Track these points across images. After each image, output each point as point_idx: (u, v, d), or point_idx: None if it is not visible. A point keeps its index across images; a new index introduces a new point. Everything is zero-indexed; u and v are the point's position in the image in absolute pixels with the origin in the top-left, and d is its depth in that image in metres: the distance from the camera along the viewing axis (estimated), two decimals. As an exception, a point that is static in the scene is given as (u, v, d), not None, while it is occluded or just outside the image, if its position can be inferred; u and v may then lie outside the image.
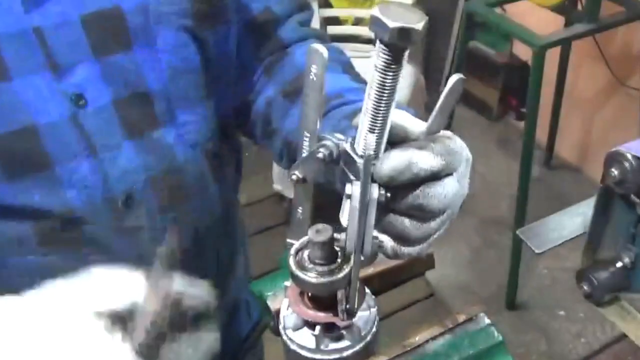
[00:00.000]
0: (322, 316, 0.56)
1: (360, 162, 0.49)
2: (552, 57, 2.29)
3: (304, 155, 0.55)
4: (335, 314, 0.56)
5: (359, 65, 2.49)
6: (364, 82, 0.78)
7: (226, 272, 0.88)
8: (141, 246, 0.70)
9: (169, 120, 0.71)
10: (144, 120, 0.69)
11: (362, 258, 0.52)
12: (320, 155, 0.52)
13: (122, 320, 0.50)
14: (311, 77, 0.53)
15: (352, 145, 0.51)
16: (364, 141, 0.50)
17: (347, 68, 0.82)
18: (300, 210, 0.59)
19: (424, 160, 0.49)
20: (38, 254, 0.66)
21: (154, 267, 0.52)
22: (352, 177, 0.51)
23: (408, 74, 2.41)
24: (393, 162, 0.48)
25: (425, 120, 0.52)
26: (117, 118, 0.67)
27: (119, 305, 0.51)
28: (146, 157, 0.69)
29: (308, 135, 0.55)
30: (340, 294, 0.54)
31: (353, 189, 0.49)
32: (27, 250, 0.66)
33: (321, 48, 0.50)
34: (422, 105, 2.53)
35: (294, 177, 0.53)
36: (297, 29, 0.83)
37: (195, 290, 0.55)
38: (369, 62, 0.50)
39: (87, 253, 0.67)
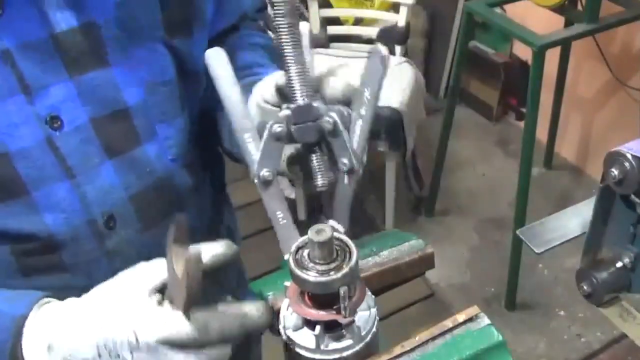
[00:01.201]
0: (323, 315, 0.56)
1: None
2: (552, 57, 2.29)
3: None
4: (336, 312, 0.56)
5: (359, 65, 2.45)
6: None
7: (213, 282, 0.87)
8: (125, 267, 0.69)
9: (150, 135, 0.70)
10: (124, 137, 0.67)
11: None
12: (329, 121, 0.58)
13: (162, 293, 0.55)
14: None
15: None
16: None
17: (268, 49, 0.85)
18: (279, 214, 0.60)
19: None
20: (20, 278, 0.65)
21: (167, 242, 0.53)
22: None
23: (408, 73, 2.40)
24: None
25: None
26: (96, 138, 0.65)
27: (158, 281, 0.55)
28: (127, 176, 0.68)
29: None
30: (342, 291, 0.55)
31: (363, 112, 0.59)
32: (9, 274, 0.64)
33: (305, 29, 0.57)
34: (421, 104, 2.53)
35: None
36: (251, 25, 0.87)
37: (211, 246, 0.57)
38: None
39: (69, 276, 0.66)
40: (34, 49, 0.60)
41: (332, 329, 0.57)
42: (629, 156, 0.72)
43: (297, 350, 0.58)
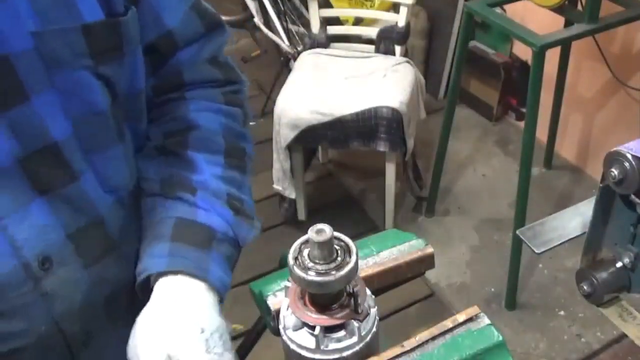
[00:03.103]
0: (323, 319, 0.56)
1: None
2: (552, 57, 2.29)
3: None
4: (335, 317, 0.56)
5: (359, 66, 2.54)
6: (240, 169, 0.77)
7: None
8: (64, 307, 0.66)
9: (85, 169, 0.66)
10: (56, 174, 0.64)
11: None
12: None
13: None
14: None
15: None
16: None
17: (230, 147, 0.77)
18: None
19: None
20: None
21: None
22: None
23: (408, 73, 2.41)
24: None
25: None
26: (24, 177, 0.61)
27: None
28: (62, 213, 0.64)
29: None
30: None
31: None
32: None
33: None
34: (421, 104, 2.53)
35: None
36: (200, 69, 0.78)
37: None
38: (369, 62, 0.51)
39: (5, 323, 0.63)
40: None
41: (331, 329, 0.57)
42: (629, 156, 0.72)
43: (297, 350, 0.58)
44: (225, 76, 0.81)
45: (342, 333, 0.58)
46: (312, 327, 0.57)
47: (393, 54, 2.51)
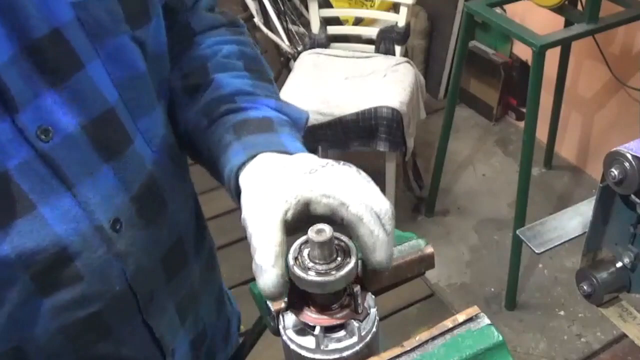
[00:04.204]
0: (323, 319, 0.56)
1: None
2: (552, 57, 2.30)
3: None
4: (335, 317, 0.56)
5: (359, 66, 2.54)
6: (265, 80, 0.81)
7: (212, 266, 0.89)
8: (136, 267, 0.70)
9: (135, 132, 0.69)
10: (117, 138, 0.67)
11: None
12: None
13: None
14: None
15: None
16: None
17: (249, 63, 0.82)
18: None
19: None
20: (39, 299, 0.63)
21: None
22: None
23: (408, 73, 2.41)
24: None
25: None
26: (89, 143, 0.64)
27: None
28: (124, 176, 0.67)
29: None
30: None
31: None
32: (27, 298, 0.62)
33: None
34: (421, 104, 2.53)
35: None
36: (205, 16, 0.84)
37: None
38: (369, 62, 0.51)
39: (86, 285, 0.65)
40: (13, 64, 0.58)
41: (331, 329, 0.57)
42: (629, 156, 0.72)
43: (297, 350, 0.58)
44: (228, 20, 0.87)
45: (342, 333, 0.58)
46: (312, 327, 0.57)
47: (393, 54, 2.51)
